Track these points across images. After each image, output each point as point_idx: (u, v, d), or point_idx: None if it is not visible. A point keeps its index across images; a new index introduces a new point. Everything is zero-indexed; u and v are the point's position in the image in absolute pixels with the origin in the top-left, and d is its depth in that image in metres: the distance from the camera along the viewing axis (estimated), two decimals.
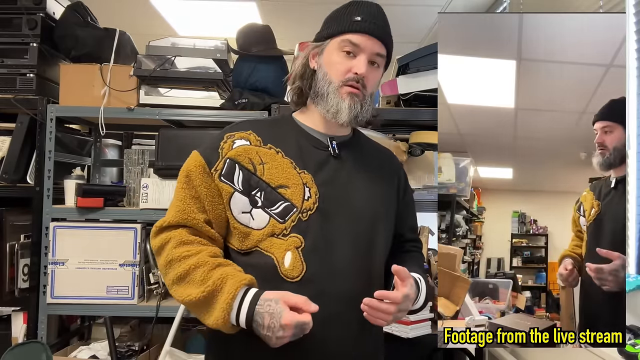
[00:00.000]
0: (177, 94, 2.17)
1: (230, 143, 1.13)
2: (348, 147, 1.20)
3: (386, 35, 1.16)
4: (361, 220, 1.13)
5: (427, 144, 2.11)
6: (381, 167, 1.25)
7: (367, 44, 1.12)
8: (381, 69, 1.18)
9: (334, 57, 1.14)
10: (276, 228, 1.08)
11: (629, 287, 1.39)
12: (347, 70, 1.12)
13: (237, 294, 0.99)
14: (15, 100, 2.10)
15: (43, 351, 1.79)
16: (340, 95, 1.12)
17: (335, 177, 1.14)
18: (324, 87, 1.14)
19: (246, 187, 1.10)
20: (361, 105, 1.13)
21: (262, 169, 1.11)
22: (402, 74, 2.10)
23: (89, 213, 2.06)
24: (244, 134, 1.15)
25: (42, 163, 2.08)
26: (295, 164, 1.12)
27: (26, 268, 2.12)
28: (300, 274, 1.05)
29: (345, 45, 1.12)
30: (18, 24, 2.17)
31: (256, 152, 1.12)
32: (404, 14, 3.37)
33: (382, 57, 1.16)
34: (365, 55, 1.12)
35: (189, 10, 3.49)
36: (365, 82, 1.12)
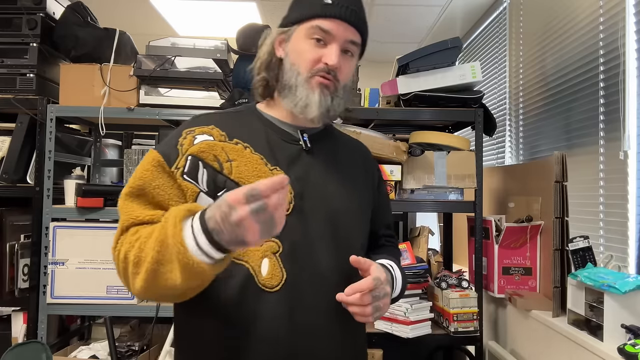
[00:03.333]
0: (177, 94, 2.17)
1: (190, 139, 0.99)
2: (320, 140, 1.09)
3: (361, 21, 1.04)
4: (339, 218, 1.04)
5: (427, 144, 2.11)
6: (356, 161, 1.15)
7: (339, 30, 1.00)
8: (355, 58, 1.07)
9: (302, 45, 1.02)
10: None
11: (629, 287, 1.39)
12: (317, 60, 1.01)
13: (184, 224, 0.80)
14: (15, 100, 2.10)
15: (43, 351, 1.79)
16: (310, 86, 1.01)
17: (309, 173, 1.03)
18: (292, 79, 1.02)
19: (211, 187, 0.96)
20: (332, 98, 1.02)
21: (229, 166, 0.98)
22: (402, 74, 2.11)
23: (89, 213, 2.06)
24: (205, 128, 1.02)
25: (42, 163, 2.08)
26: (266, 160, 1.00)
27: (26, 268, 2.12)
28: (280, 282, 0.95)
29: (314, 32, 1.00)
30: (18, 24, 2.17)
31: (221, 147, 0.99)
32: (404, 14, 3.36)
33: (356, 45, 1.04)
34: (337, 43, 1.01)
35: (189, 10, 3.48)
36: (337, 73, 1.02)
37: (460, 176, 2.09)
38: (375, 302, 0.94)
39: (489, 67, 3.23)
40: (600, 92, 1.91)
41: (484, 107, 2.14)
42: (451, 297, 1.97)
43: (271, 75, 1.07)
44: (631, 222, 1.70)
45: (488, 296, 2.18)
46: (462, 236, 2.47)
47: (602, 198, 1.87)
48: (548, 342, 1.75)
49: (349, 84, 1.08)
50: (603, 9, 1.90)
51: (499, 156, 3.03)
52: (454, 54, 2.08)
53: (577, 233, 1.79)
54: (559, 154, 1.84)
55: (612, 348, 1.36)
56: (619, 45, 1.77)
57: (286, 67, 1.04)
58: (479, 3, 3.20)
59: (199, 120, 1.05)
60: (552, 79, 2.32)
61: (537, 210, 1.98)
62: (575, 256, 1.71)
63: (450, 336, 1.98)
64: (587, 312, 1.52)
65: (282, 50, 1.06)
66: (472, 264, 2.21)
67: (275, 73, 1.06)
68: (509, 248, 2.03)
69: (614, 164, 1.80)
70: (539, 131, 2.47)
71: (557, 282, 1.79)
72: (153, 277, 0.82)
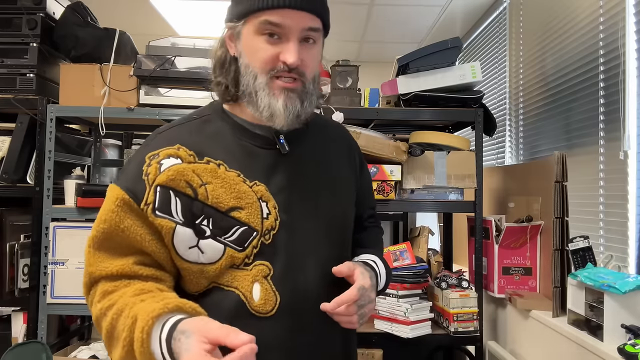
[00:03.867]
0: (177, 94, 2.17)
1: (155, 166, 0.88)
2: (300, 136, 0.98)
3: (318, 3, 0.89)
4: (330, 223, 0.97)
5: (427, 144, 2.11)
6: (339, 149, 1.06)
7: (293, 21, 0.86)
8: (319, 45, 0.93)
9: (254, 42, 0.88)
10: (236, 258, 0.88)
11: (629, 287, 1.39)
12: (274, 59, 0.88)
13: (151, 333, 0.74)
14: (15, 100, 2.10)
15: (43, 351, 1.79)
16: (272, 92, 0.88)
17: (292, 180, 0.94)
18: (250, 83, 0.90)
19: (188, 216, 0.87)
20: (301, 100, 0.90)
21: (204, 191, 0.87)
22: (402, 74, 2.11)
23: (89, 213, 2.06)
24: (170, 150, 0.90)
25: (42, 163, 2.08)
26: (243, 176, 0.90)
27: (26, 268, 2.12)
28: (275, 307, 0.88)
29: (264, 28, 0.87)
30: (18, 24, 2.17)
31: (192, 170, 0.88)
32: (404, 14, 3.36)
33: (317, 31, 0.90)
34: (293, 36, 0.87)
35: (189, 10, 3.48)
36: (302, 68, 0.89)
37: (460, 176, 2.09)
38: (360, 311, 0.90)
39: (489, 67, 3.23)
40: (600, 92, 1.91)
41: (484, 107, 2.14)
42: (451, 297, 1.97)
43: (228, 79, 0.95)
44: (631, 222, 1.70)
45: (488, 296, 2.18)
46: (462, 236, 2.47)
47: (602, 198, 1.87)
48: (548, 342, 1.75)
49: (317, 74, 0.96)
50: (603, 9, 1.90)
51: (499, 156, 3.03)
52: (454, 54, 2.08)
53: (577, 233, 1.79)
54: (559, 154, 1.84)
55: (612, 348, 1.36)
56: (619, 45, 1.77)
57: (242, 68, 0.92)
58: (479, 3, 3.19)
59: (162, 138, 0.92)
60: (552, 79, 2.32)
61: (537, 210, 1.98)
62: (575, 256, 1.71)
63: (450, 336, 1.98)
64: (587, 312, 1.52)
65: (235, 48, 0.94)
66: (472, 264, 2.21)
67: (232, 76, 0.94)
68: (509, 248, 2.03)
69: (614, 164, 1.80)
70: (539, 131, 2.47)
71: (557, 282, 1.79)
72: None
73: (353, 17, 3.42)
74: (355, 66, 2.21)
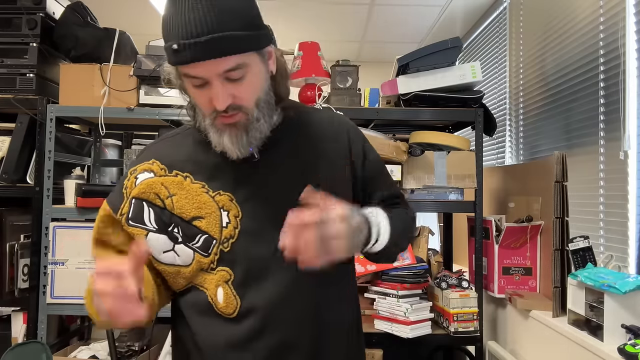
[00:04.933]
0: (177, 94, 2.16)
1: (132, 180, 0.98)
2: (274, 142, 0.98)
3: (223, 41, 0.82)
4: None
5: (427, 144, 2.11)
6: (323, 148, 1.02)
7: (206, 70, 0.85)
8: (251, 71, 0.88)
9: (190, 90, 0.92)
10: (202, 263, 0.95)
11: (629, 287, 1.39)
12: (209, 104, 0.88)
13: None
14: (15, 100, 2.10)
15: (43, 351, 1.79)
16: (217, 130, 0.91)
17: (260, 187, 0.96)
18: (202, 123, 0.94)
19: (161, 225, 0.95)
20: (246, 130, 0.91)
21: (170, 202, 0.95)
22: (402, 74, 2.11)
23: (89, 213, 2.06)
24: (146, 165, 0.99)
25: (42, 163, 2.08)
26: (207, 187, 0.95)
27: (26, 268, 2.12)
28: (235, 310, 0.93)
29: (188, 80, 0.89)
30: (18, 24, 2.17)
31: (161, 183, 0.96)
32: (404, 14, 3.36)
33: (239, 66, 0.86)
34: (215, 81, 0.86)
35: None
36: (236, 103, 0.88)
37: (460, 176, 2.09)
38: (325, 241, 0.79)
39: (489, 67, 3.23)
40: (600, 92, 1.91)
41: (484, 107, 2.14)
42: (451, 297, 1.97)
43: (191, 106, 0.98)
44: (631, 222, 1.70)
45: (488, 296, 2.18)
46: (462, 236, 2.47)
47: (602, 198, 1.87)
48: (548, 342, 1.75)
49: (262, 94, 0.93)
50: (603, 9, 1.90)
51: (499, 156, 3.03)
52: (454, 54, 2.08)
53: (577, 233, 1.79)
54: (559, 154, 1.84)
55: (612, 348, 1.36)
56: (619, 45, 1.77)
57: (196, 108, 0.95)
58: (479, 3, 3.19)
59: (144, 155, 1.02)
60: (552, 79, 2.32)
61: (537, 210, 1.98)
62: (576, 256, 1.71)
63: (450, 336, 1.98)
64: (587, 312, 1.52)
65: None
66: (472, 264, 2.21)
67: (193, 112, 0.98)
68: (509, 248, 2.03)
69: (614, 164, 1.80)
70: (539, 131, 2.47)
71: (557, 282, 1.79)
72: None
73: (353, 17, 3.42)
74: (355, 66, 2.21)
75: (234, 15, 0.84)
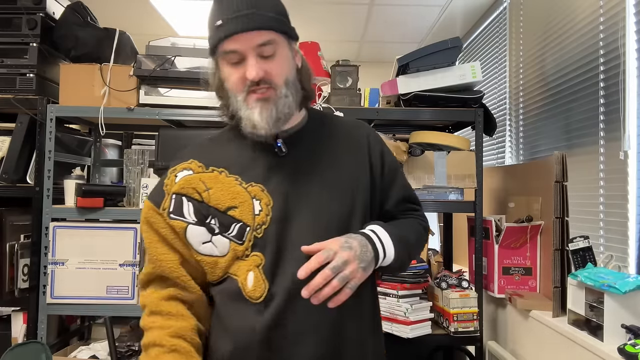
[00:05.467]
0: (177, 94, 2.17)
1: (172, 178, 1.08)
2: (300, 138, 1.09)
3: (261, 19, 0.98)
4: (324, 217, 1.03)
5: (427, 144, 2.11)
6: (343, 146, 1.12)
7: (242, 44, 0.98)
8: (281, 52, 1.02)
9: (225, 70, 1.04)
10: (238, 251, 1.02)
11: (629, 287, 1.39)
12: (243, 79, 1.00)
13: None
14: (15, 100, 2.10)
15: (43, 351, 1.79)
16: (249, 105, 1.01)
17: (288, 179, 1.04)
18: (234, 104, 1.04)
19: (199, 217, 1.04)
20: (276, 105, 1.01)
21: (208, 195, 1.04)
22: (402, 74, 2.11)
23: (89, 213, 2.06)
24: (185, 164, 1.09)
25: (42, 163, 2.09)
26: (241, 179, 1.05)
27: (26, 268, 2.12)
28: (263, 294, 0.99)
29: (226, 57, 1.02)
30: (18, 24, 2.17)
31: (199, 179, 1.06)
32: (404, 14, 3.36)
33: (271, 42, 1.00)
34: (249, 55, 0.99)
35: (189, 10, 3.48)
36: (268, 78, 1.00)
37: (460, 176, 2.09)
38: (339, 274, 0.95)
39: (489, 67, 3.23)
40: (600, 92, 1.91)
41: (484, 107, 2.14)
42: (451, 297, 1.97)
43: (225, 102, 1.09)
44: (631, 222, 1.70)
45: (488, 296, 2.18)
46: (462, 236, 2.47)
47: (602, 198, 1.87)
48: (548, 342, 1.75)
49: (291, 75, 1.05)
50: (603, 9, 1.90)
51: (499, 156, 3.03)
52: (454, 54, 2.08)
53: (577, 233, 1.79)
54: (559, 154, 1.84)
55: (612, 348, 1.36)
56: (619, 45, 1.77)
57: (228, 93, 1.06)
58: (479, 3, 3.20)
59: (181, 155, 1.12)
60: (552, 79, 2.32)
61: (537, 210, 1.98)
62: (575, 256, 1.71)
63: (450, 336, 1.98)
64: (587, 312, 1.52)
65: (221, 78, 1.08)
66: (472, 264, 2.21)
67: (227, 100, 1.07)
68: (509, 248, 2.03)
69: (614, 164, 1.80)
70: (539, 131, 2.47)
71: (557, 282, 1.79)
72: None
73: (353, 17, 3.42)
74: (355, 66, 2.21)
75: (270, 4, 1.02)
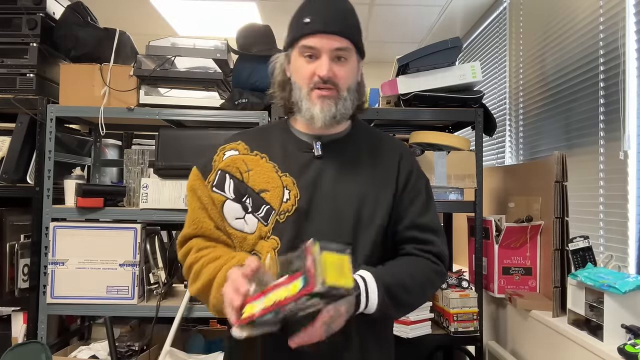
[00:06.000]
0: (177, 94, 2.17)
1: (221, 155, 1.19)
2: (339, 145, 1.18)
3: (344, 27, 1.11)
4: (342, 221, 1.09)
5: (427, 144, 2.11)
6: (376, 161, 1.18)
7: (323, 43, 1.09)
8: (351, 61, 1.13)
9: (298, 63, 1.13)
10: (262, 231, 1.10)
11: (629, 287, 1.39)
12: (312, 74, 1.10)
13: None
14: (15, 100, 2.10)
15: (43, 351, 1.79)
16: (311, 100, 1.11)
17: (318, 179, 1.13)
18: (297, 95, 1.14)
19: (237, 194, 1.14)
20: (336, 104, 1.11)
21: (247, 175, 1.14)
22: (402, 74, 2.11)
23: (89, 213, 2.06)
24: (233, 144, 1.20)
25: (42, 163, 2.08)
26: (277, 168, 1.14)
27: (26, 268, 2.12)
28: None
29: (303, 51, 1.11)
30: (18, 24, 2.16)
31: (242, 160, 1.16)
32: (404, 14, 3.36)
33: (346, 50, 1.11)
34: (325, 55, 1.09)
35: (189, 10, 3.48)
36: (335, 80, 1.10)
37: (460, 176, 2.09)
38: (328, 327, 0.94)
39: (489, 67, 3.23)
40: (600, 92, 1.91)
41: (484, 107, 2.14)
42: (451, 297, 1.97)
43: (285, 95, 1.19)
44: (631, 222, 1.70)
45: (488, 296, 2.18)
46: (462, 236, 2.47)
47: (602, 198, 1.88)
48: (548, 342, 1.75)
49: (353, 85, 1.15)
50: (603, 9, 1.90)
51: (499, 156, 3.03)
52: (454, 54, 2.08)
53: (577, 233, 1.79)
54: (559, 154, 1.84)
55: (612, 348, 1.36)
56: (619, 45, 1.77)
57: (293, 85, 1.16)
58: (479, 3, 3.20)
59: (233, 137, 1.23)
60: (552, 79, 2.32)
61: (537, 210, 1.98)
62: (575, 256, 1.71)
63: (450, 336, 1.98)
64: (587, 312, 1.52)
65: (289, 70, 1.18)
66: (472, 264, 2.21)
67: (288, 92, 1.18)
68: (509, 248, 2.03)
69: (614, 164, 1.80)
70: (539, 131, 2.47)
71: (557, 282, 1.79)
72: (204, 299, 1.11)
73: None
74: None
75: (354, 18, 1.15)
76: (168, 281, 2.16)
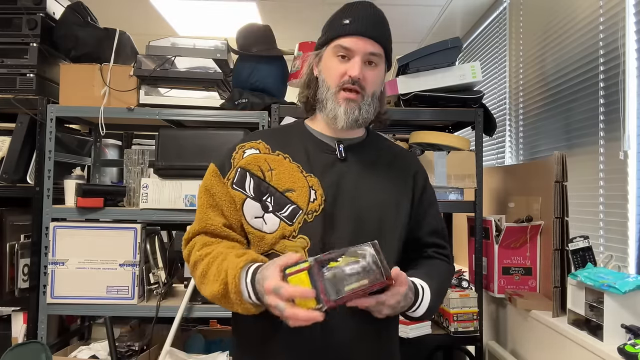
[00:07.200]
0: (177, 94, 2.17)
1: (241, 153, 1.18)
2: (358, 149, 1.21)
3: (379, 34, 1.15)
4: (366, 223, 1.13)
5: (427, 144, 2.11)
6: (393, 169, 1.23)
7: (359, 45, 1.12)
8: (380, 68, 1.17)
9: (330, 62, 1.16)
10: (286, 230, 1.10)
11: (629, 287, 1.39)
12: (342, 74, 1.13)
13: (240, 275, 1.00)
14: (15, 100, 2.10)
15: (43, 351, 1.79)
16: (337, 101, 1.14)
17: (341, 180, 1.15)
18: (323, 93, 1.16)
19: (257, 193, 1.13)
20: (359, 108, 1.14)
21: (270, 175, 1.14)
22: (402, 74, 2.11)
23: (89, 213, 2.06)
24: (253, 143, 1.19)
25: (42, 163, 2.08)
26: (302, 168, 1.15)
27: (26, 268, 2.12)
28: None
29: (338, 50, 1.14)
30: (18, 24, 2.17)
31: (264, 159, 1.16)
32: (404, 14, 3.36)
33: (378, 55, 1.15)
34: (358, 57, 1.12)
35: (189, 10, 3.48)
36: (363, 83, 1.13)
37: (460, 176, 2.09)
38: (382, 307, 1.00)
39: (489, 67, 3.23)
40: (600, 92, 1.91)
41: (484, 107, 2.14)
42: (451, 297, 1.97)
43: (310, 93, 1.21)
44: (631, 222, 1.70)
45: (488, 296, 2.18)
46: (462, 236, 2.47)
47: (602, 198, 1.88)
48: (548, 342, 1.75)
49: (377, 92, 1.18)
50: (603, 9, 1.90)
51: (499, 156, 3.03)
52: (454, 54, 2.08)
53: (577, 233, 1.79)
54: (559, 154, 1.84)
55: (612, 348, 1.36)
56: (619, 45, 1.77)
57: (320, 83, 1.18)
58: (479, 3, 3.20)
59: (251, 136, 1.23)
60: (552, 79, 2.32)
61: (537, 210, 1.98)
62: (575, 256, 1.71)
63: (450, 336, 1.98)
64: (587, 312, 1.52)
65: (317, 70, 1.21)
66: (472, 264, 2.21)
67: (314, 90, 1.20)
68: (509, 248, 2.03)
69: (614, 164, 1.80)
70: (539, 131, 2.47)
71: (557, 282, 1.79)
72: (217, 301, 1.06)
73: None
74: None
75: (388, 31, 1.19)
76: (168, 281, 2.16)
